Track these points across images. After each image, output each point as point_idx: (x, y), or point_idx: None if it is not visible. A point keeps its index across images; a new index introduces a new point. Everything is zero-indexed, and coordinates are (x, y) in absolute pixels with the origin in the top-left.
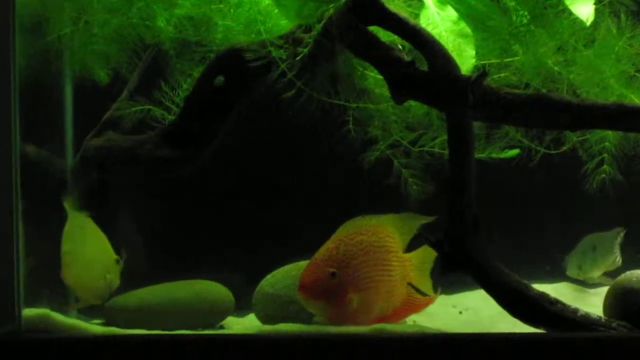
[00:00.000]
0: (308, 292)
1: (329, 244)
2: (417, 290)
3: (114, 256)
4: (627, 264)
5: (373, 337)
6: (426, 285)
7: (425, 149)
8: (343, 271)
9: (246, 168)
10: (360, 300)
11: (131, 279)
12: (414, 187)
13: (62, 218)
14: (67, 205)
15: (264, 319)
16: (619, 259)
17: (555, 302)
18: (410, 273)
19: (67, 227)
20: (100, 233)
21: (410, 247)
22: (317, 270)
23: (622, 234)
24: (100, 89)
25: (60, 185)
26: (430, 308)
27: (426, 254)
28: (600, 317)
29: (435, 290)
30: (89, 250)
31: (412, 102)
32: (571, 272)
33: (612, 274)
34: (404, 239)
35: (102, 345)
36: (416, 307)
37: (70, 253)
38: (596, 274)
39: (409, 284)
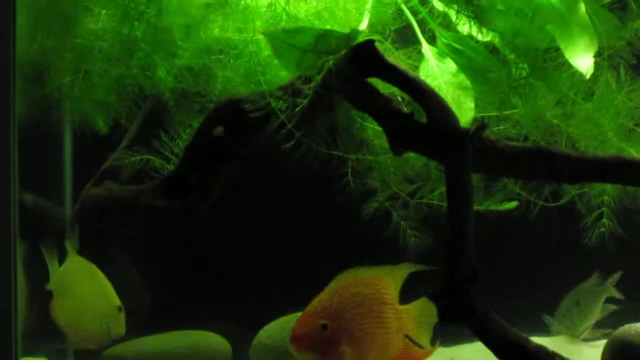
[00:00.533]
0: (299, 343)
1: (323, 296)
2: (414, 343)
3: (116, 303)
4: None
5: None
6: (424, 337)
7: (424, 200)
8: (335, 323)
9: (244, 218)
10: (354, 353)
11: (134, 327)
12: (413, 238)
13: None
14: (68, 245)
15: None
16: (603, 308)
17: (554, 355)
18: (408, 325)
19: (64, 266)
20: (102, 278)
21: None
22: (309, 322)
23: (616, 277)
24: (100, 138)
25: (59, 234)
26: None
27: (424, 306)
28: None
29: (433, 343)
30: (83, 292)
31: (411, 154)
32: (559, 331)
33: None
34: (397, 290)
35: None
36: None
37: (61, 292)
38: (586, 327)
39: (406, 336)
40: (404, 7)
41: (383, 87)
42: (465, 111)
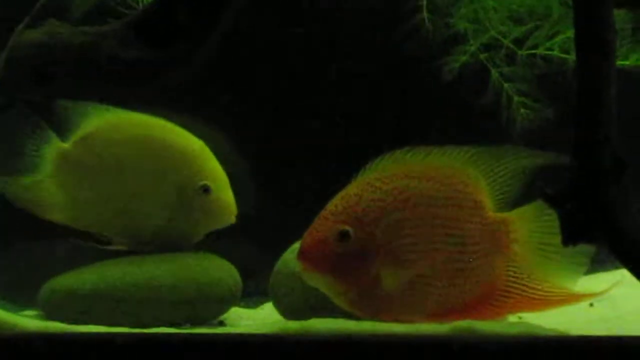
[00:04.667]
0: (307, 260)
1: (351, 189)
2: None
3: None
4: None
5: (454, 340)
6: (546, 267)
7: (539, 51)
8: (363, 231)
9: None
10: (400, 281)
11: None
12: (522, 110)
13: None
14: None
15: (287, 311)
16: None
17: None
18: (513, 245)
19: None
20: None
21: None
22: (323, 228)
23: None
24: None
25: None
26: None
27: (539, 215)
28: None
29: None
30: None
31: None
32: None
33: None
34: (498, 189)
35: (36, 348)
36: (531, 304)
37: None
38: None
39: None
40: None
41: None
42: None
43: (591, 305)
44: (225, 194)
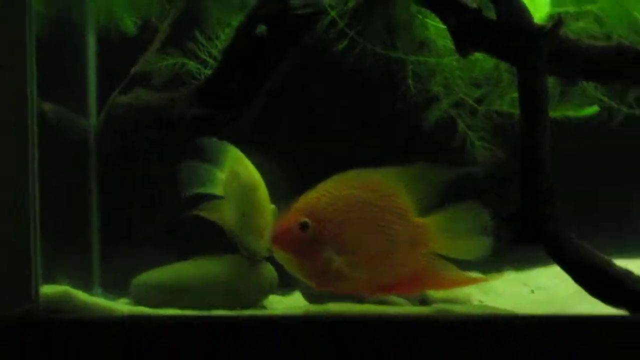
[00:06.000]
0: (277, 242)
1: (313, 193)
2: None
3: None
4: None
5: (434, 319)
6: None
7: (494, 107)
8: (319, 224)
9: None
10: (347, 264)
11: None
12: (481, 151)
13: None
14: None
15: (311, 297)
16: None
17: None
18: (429, 242)
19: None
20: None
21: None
22: (290, 219)
23: None
24: (128, 40)
25: (81, 147)
26: (499, 287)
27: (454, 219)
28: None
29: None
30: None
31: (478, 55)
32: None
33: None
34: (417, 198)
35: (128, 327)
36: (442, 284)
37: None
38: None
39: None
40: None
41: None
42: (539, 6)
43: (532, 292)
44: None
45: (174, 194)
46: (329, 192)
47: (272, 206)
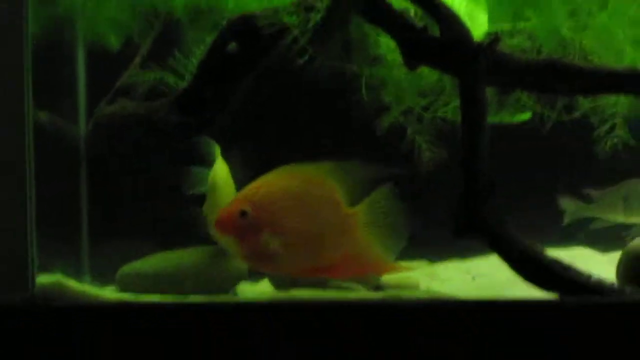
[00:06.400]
0: (219, 227)
1: (253, 184)
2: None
3: None
4: None
5: (385, 303)
6: (377, 243)
7: (438, 114)
8: (257, 212)
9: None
10: (283, 247)
11: None
12: (427, 153)
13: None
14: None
15: (277, 284)
16: None
17: (569, 267)
18: (357, 230)
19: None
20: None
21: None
22: (232, 208)
23: None
24: (113, 55)
25: (72, 152)
26: (445, 273)
27: (373, 209)
28: (613, 283)
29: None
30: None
31: (424, 69)
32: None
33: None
34: (348, 191)
35: (116, 312)
36: (368, 269)
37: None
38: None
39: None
40: None
41: (395, 1)
42: (478, 25)
43: (473, 279)
44: None
45: (157, 191)
46: (270, 182)
47: None
